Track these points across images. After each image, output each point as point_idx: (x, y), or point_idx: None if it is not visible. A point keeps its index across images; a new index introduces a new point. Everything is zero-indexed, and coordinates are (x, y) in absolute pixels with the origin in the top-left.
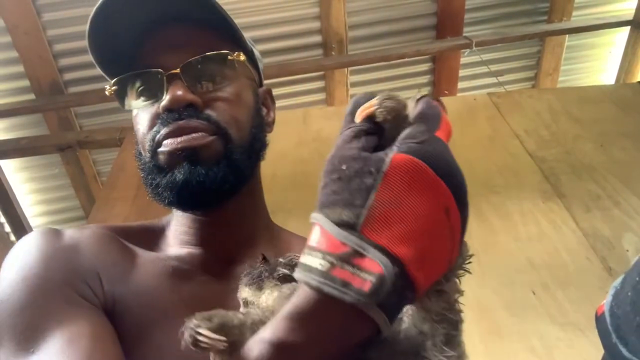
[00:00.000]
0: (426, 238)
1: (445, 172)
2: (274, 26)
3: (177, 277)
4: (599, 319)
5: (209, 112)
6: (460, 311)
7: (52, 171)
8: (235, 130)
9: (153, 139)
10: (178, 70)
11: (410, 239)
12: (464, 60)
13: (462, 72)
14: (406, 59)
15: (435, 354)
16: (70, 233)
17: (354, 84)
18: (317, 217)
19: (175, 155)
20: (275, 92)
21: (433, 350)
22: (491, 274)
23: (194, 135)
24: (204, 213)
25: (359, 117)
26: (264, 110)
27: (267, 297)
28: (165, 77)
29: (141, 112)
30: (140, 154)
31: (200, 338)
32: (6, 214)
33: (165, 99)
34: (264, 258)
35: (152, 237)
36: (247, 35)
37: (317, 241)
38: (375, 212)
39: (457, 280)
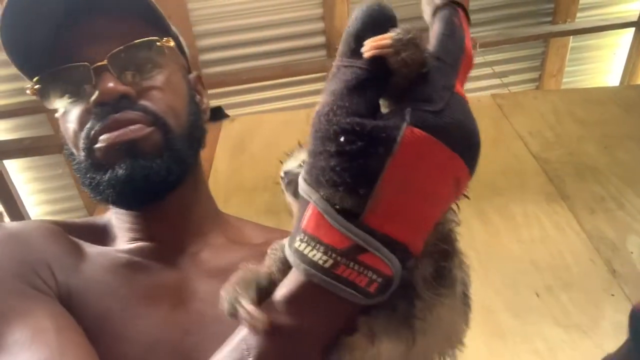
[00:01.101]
0: (433, 214)
1: (464, 145)
2: (278, 27)
3: (131, 269)
4: (635, 315)
5: (143, 102)
6: (454, 241)
7: (55, 171)
8: (173, 119)
9: (88, 136)
10: (105, 62)
11: (417, 224)
12: None
13: None
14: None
15: (425, 290)
16: (14, 225)
17: None
18: (313, 196)
19: (114, 150)
20: (279, 92)
21: (422, 285)
22: (494, 275)
23: (131, 127)
24: (148, 209)
25: (367, 51)
26: (198, 97)
27: None
28: (92, 70)
29: (69, 110)
30: (72, 154)
31: (241, 311)
32: (10, 214)
33: (96, 93)
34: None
35: (96, 233)
36: (250, 36)
37: (314, 227)
38: (381, 200)
39: (452, 209)
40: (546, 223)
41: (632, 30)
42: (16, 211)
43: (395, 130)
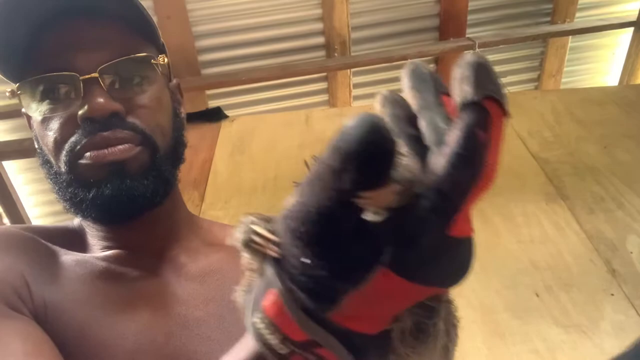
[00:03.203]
0: (403, 308)
1: (445, 284)
2: (277, 27)
3: (108, 276)
4: None
5: (132, 119)
6: (440, 301)
7: None
8: (160, 137)
9: (72, 150)
10: (96, 74)
11: (384, 319)
12: None
13: None
14: (409, 60)
15: (400, 345)
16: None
17: (356, 86)
18: (277, 284)
19: (101, 169)
20: (278, 93)
21: (399, 339)
22: (494, 275)
23: (120, 147)
24: (125, 222)
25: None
26: (178, 108)
27: None
28: (82, 82)
29: (50, 118)
30: (48, 162)
31: (255, 238)
32: (9, 215)
33: (85, 107)
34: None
35: (70, 239)
36: (250, 36)
37: (274, 314)
38: (347, 308)
39: None
40: (545, 223)
41: (631, 30)
42: (15, 212)
43: (365, 270)
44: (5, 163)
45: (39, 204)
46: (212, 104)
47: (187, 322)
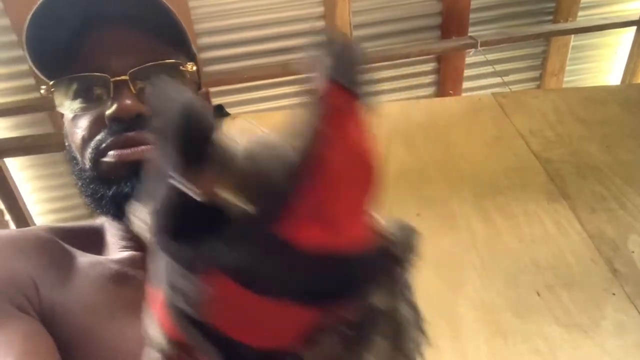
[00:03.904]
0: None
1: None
2: (279, 25)
3: (120, 279)
4: None
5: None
6: (370, 314)
7: (57, 169)
8: None
9: (97, 148)
10: (126, 77)
11: (268, 333)
12: (468, 60)
13: (467, 72)
14: (411, 59)
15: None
16: (5, 235)
17: None
18: (162, 285)
19: (122, 167)
20: (279, 91)
21: None
22: (495, 275)
23: (142, 147)
24: None
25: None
26: None
27: None
28: (112, 83)
29: (80, 116)
30: (75, 158)
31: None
32: (11, 212)
33: (113, 108)
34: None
35: (91, 238)
36: (251, 34)
37: (158, 312)
38: (220, 315)
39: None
40: (547, 222)
41: (633, 29)
42: (17, 209)
43: (196, 272)
44: (7, 160)
45: (41, 201)
46: (214, 101)
47: None
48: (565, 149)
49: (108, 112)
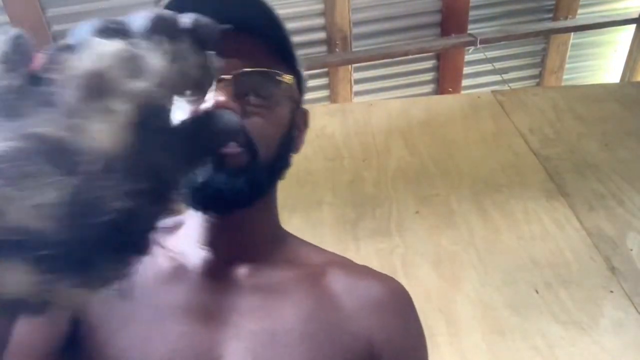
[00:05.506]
0: None
1: None
2: None
3: (175, 274)
4: None
5: (245, 123)
6: None
7: None
8: (264, 148)
9: None
10: (229, 77)
11: None
12: (468, 57)
13: (466, 70)
14: (410, 56)
15: None
16: None
17: (357, 81)
18: None
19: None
20: None
21: None
22: (494, 272)
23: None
24: (216, 215)
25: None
26: (296, 132)
27: None
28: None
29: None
30: None
31: None
32: None
33: (209, 101)
34: None
35: (171, 230)
36: None
37: None
38: None
39: None
40: (546, 220)
41: (633, 27)
42: None
43: None
44: None
45: None
46: None
47: (239, 334)
48: (564, 147)
49: (204, 105)
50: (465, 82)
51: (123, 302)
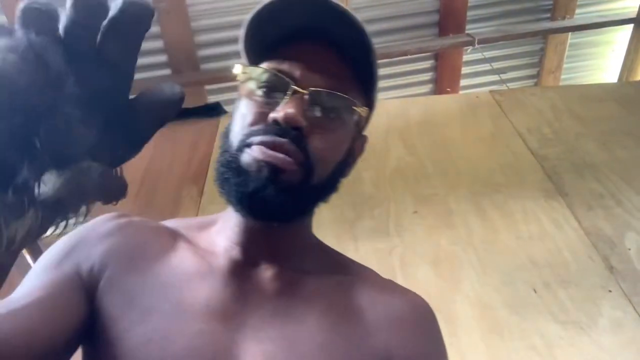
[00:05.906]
0: None
1: None
2: None
3: (197, 273)
4: None
5: (308, 142)
6: None
7: None
8: (321, 170)
9: (248, 136)
10: (305, 92)
11: None
12: (466, 57)
13: (464, 70)
14: (408, 56)
15: None
16: (119, 223)
17: None
18: None
19: (257, 164)
20: None
21: None
22: (492, 272)
23: (285, 157)
24: (255, 221)
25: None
26: (351, 159)
27: None
28: (291, 91)
29: (252, 102)
30: (226, 135)
31: None
32: None
33: (278, 111)
34: None
35: (203, 228)
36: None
37: None
38: None
39: None
40: (544, 220)
41: (630, 26)
42: None
43: None
44: None
45: None
46: (212, 99)
47: (256, 336)
48: (562, 147)
49: (272, 113)
50: (463, 82)
51: (144, 295)
